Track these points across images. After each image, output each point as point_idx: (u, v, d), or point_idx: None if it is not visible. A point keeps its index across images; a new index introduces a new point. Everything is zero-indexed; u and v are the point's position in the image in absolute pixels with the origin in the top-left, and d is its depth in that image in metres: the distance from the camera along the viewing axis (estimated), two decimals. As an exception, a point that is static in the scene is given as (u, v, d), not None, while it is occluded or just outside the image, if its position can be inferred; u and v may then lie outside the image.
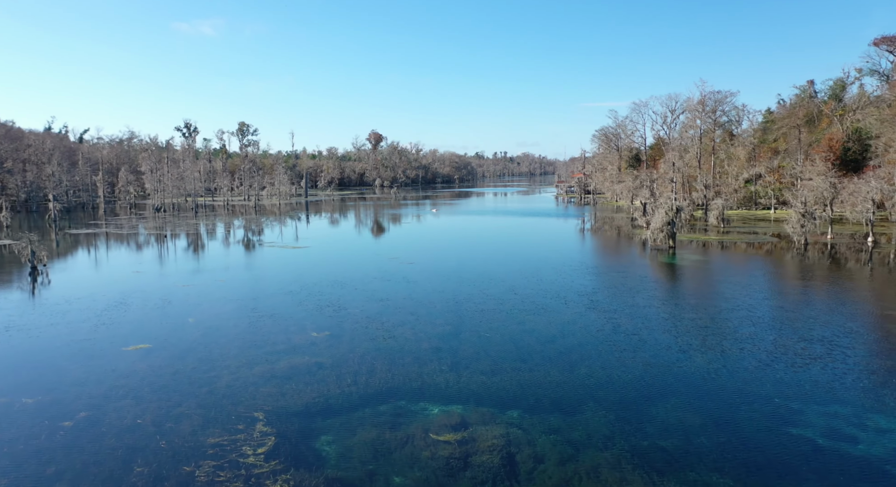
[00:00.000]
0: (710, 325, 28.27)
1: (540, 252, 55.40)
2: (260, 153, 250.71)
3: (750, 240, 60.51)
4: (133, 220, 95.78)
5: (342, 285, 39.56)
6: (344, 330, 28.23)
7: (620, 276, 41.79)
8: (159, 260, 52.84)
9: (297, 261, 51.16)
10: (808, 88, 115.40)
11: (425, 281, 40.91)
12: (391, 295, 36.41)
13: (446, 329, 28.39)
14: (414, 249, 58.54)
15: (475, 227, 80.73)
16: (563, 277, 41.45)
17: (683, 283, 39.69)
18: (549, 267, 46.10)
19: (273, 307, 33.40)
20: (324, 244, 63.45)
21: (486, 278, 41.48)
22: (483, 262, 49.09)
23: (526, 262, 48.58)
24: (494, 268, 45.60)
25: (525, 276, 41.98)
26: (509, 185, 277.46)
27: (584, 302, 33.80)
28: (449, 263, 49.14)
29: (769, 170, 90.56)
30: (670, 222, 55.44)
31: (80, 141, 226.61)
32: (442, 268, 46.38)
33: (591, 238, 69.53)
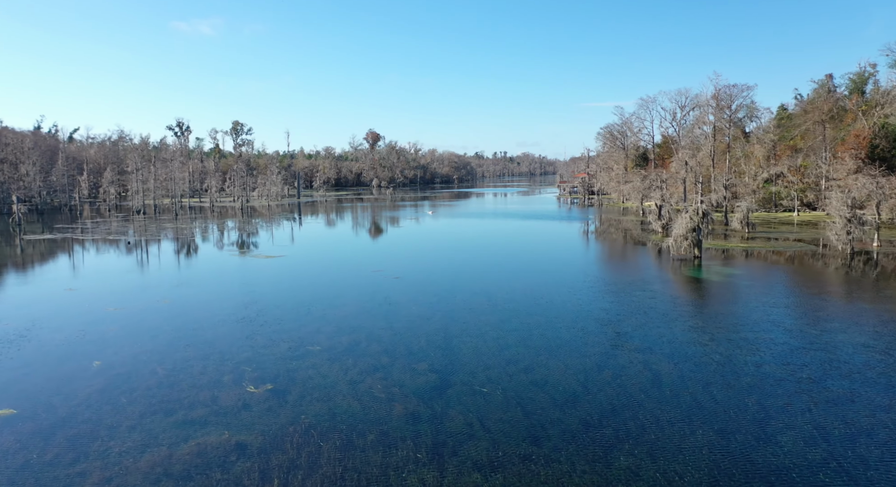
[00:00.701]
0: (785, 377, 20.96)
1: (546, 263, 48.12)
2: (254, 153, 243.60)
3: (783, 249, 53.18)
4: (106, 224, 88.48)
5: (309, 309, 32.29)
6: (293, 382, 20.95)
7: (646, 296, 34.51)
8: (105, 273, 45.58)
9: (265, 275, 43.89)
10: (826, 83, 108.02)
11: (411, 303, 33.64)
12: (366, 323, 29.16)
13: (430, 380, 21.12)
14: (403, 259, 51.29)
15: (473, 232, 73.42)
16: (577, 297, 34.18)
17: (724, 307, 32.39)
18: (558, 283, 38.84)
19: (213, 341, 26.14)
20: (303, 252, 56.18)
21: (485, 299, 34.22)
22: (481, 277, 41.83)
23: (531, 277, 41.32)
24: (494, 285, 38.34)
25: (531, 296, 34.71)
26: (509, 186, 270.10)
27: (607, 335, 26.52)
28: (442, 278, 41.87)
29: (792, 170, 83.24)
30: (695, 228, 48.17)
31: (69, 140, 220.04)
32: (433, 285, 39.12)
33: (602, 245, 62.23)
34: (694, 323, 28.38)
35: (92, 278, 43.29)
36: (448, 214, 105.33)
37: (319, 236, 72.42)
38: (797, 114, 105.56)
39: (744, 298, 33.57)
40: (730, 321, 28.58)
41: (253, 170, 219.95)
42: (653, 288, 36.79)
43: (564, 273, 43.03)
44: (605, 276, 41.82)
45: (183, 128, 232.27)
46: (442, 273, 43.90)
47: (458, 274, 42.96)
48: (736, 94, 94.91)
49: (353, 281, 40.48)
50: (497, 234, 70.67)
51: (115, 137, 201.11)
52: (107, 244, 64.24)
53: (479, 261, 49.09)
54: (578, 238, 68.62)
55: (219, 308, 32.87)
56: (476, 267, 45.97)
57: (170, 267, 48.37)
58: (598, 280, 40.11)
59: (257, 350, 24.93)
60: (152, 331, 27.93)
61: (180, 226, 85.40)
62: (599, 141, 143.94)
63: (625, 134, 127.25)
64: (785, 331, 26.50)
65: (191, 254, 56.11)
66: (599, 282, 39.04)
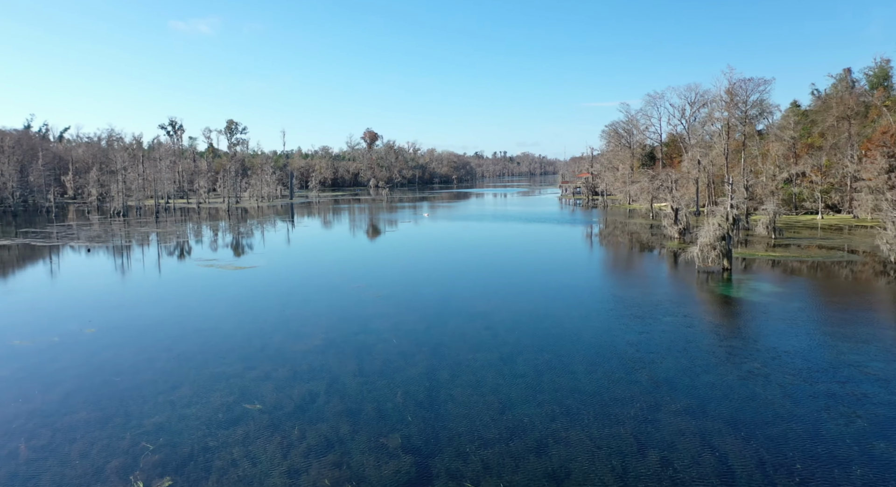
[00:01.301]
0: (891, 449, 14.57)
1: (553, 276, 41.69)
2: (249, 152, 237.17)
3: (821, 258, 46.74)
4: (79, 228, 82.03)
5: (265, 342, 25.90)
6: (204, 474, 14.56)
7: (678, 324, 28.12)
8: (38, 290, 39.18)
9: (227, 293, 37.49)
10: (845, 77, 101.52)
11: (392, 332, 27.26)
12: (331, 364, 22.79)
13: (401, 468, 14.74)
14: (391, 270, 44.89)
15: (471, 238, 66.96)
16: (595, 326, 27.79)
17: (782, 342, 25.98)
18: (569, 303, 32.45)
19: (123, 395, 19.76)
20: (281, 261, 49.79)
21: (483, 326, 27.85)
22: (479, 294, 35.42)
23: (537, 295, 34.91)
24: (494, 306, 31.97)
25: (538, 323, 28.33)
26: (509, 186, 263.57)
27: (641, 385, 20.12)
28: (433, 295, 35.46)
29: (815, 169, 76.80)
30: (724, 236, 41.76)
31: (59, 139, 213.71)
32: (422, 305, 32.73)
33: (614, 253, 55.81)
34: (751, 366, 21.95)
35: (18, 297, 36.88)
36: (445, 217, 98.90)
37: (303, 242, 66.00)
38: (813, 110, 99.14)
39: (802, 328, 27.12)
40: (798, 364, 22.14)
41: (247, 170, 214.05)
42: (684, 312, 30.37)
43: (575, 290, 36.61)
44: (624, 295, 35.38)
45: (176, 128, 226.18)
46: (434, 288, 37.48)
47: (452, 291, 36.54)
48: (751, 89, 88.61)
49: (329, 301, 34.08)
50: (497, 240, 64.26)
51: (104, 136, 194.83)
52: (62, 252, 57.82)
53: (476, 274, 42.65)
54: (586, 245, 62.19)
55: (152, 340, 26.45)
56: (473, 282, 39.53)
57: (118, 282, 41.94)
58: (616, 300, 33.67)
59: (177, 409, 18.53)
60: (50, 378, 21.53)
61: (156, 230, 78.98)
62: (604, 139, 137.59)
63: (630, 132, 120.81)
64: (880, 384, 20.07)
65: (151, 265, 49.68)
66: (618, 304, 32.61)
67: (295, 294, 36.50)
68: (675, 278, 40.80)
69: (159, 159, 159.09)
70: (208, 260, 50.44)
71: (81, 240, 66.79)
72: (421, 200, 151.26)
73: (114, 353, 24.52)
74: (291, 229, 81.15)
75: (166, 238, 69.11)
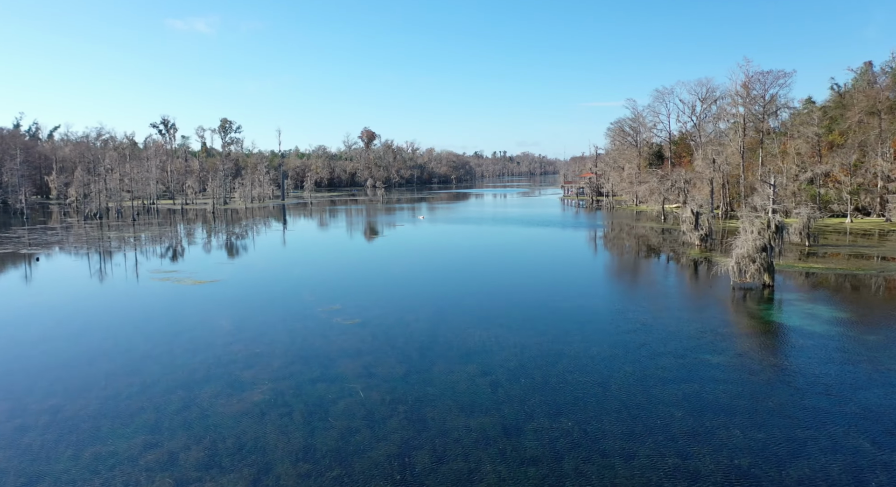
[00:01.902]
0: None
1: (565, 295, 35.09)
2: (244, 152, 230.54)
3: (874, 271, 40.13)
4: (45, 231, 75.43)
5: (188, 398, 19.35)
6: None
7: (733, 366, 21.59)
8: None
9: (171, 317, 30.91)
10: (866, 70, 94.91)
11: (361, 378, 20.72)
12: (266, 440, 16.24)
13: None
14: (373, 286, 38.30)
15: (468, 246, 60.35)
16: (628, 371, 21.22)
17: (878, 392, 19.41)
18: (589, 336, 25.87)
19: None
20: (248, 273, 43.25)
21: (478, 372, 21.30)
22: (476, 322, 28.84)
23: (547, 323, 28.35)
24: (494, 341, 25.41)
25: (552, 366, 21.78)
26: (509, 186, 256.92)
27: (712, 478, 13.52)
28: (419, 323, 28.89)
29: (843, 169, 70.23)
30: (765, 247, 35.19)
31: (48, 138, 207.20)
32: (404, 338, 26.17)
33: (629, 264, 49.26)
34: (859, 442, 15.37)
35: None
36: (442, 219, 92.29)
37: (281, 249, 59.42)
38: (831, 105, 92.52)
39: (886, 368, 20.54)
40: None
41: (241, 170, 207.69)
42: (735, 348, 23.79)
43: (592, 314, 30.04)
44: (653, 322, 28.78)
45: (168, 126, 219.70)
46: (421, 312, 30.90)
47: (442, 316, 29.96)
48: (770, 83, 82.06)
49: (291, 330, 27.51)
50: (496, 248, 57.66)
51: (93, 135, 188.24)
52: (6, 260, 51.23)
53: (473, 292, 36.04)
54: (597, 253, 55.65)
55: (39, 393, 19.86)
56: (469, 304, 32.91)
57: (45, 301, 35.35)
58: (644, 329, 27.07)
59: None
60: None
61: (127, 234, 72.39)
62: (609, 137, 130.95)
63: (637, 130, 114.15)
64: None
65: (99, 277, 43.09)
66: (649, 335, 26.01)
67: (253, 319, 29.90)
68: (709, 297, 34.19)
69: (147, 159, 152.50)
70: (167, 271, 43.82)
71: (38, 245, 60.20)
72: (418, 201, 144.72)
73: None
74: (274, 233, 74.56)
75: (132, 244, 62.52)
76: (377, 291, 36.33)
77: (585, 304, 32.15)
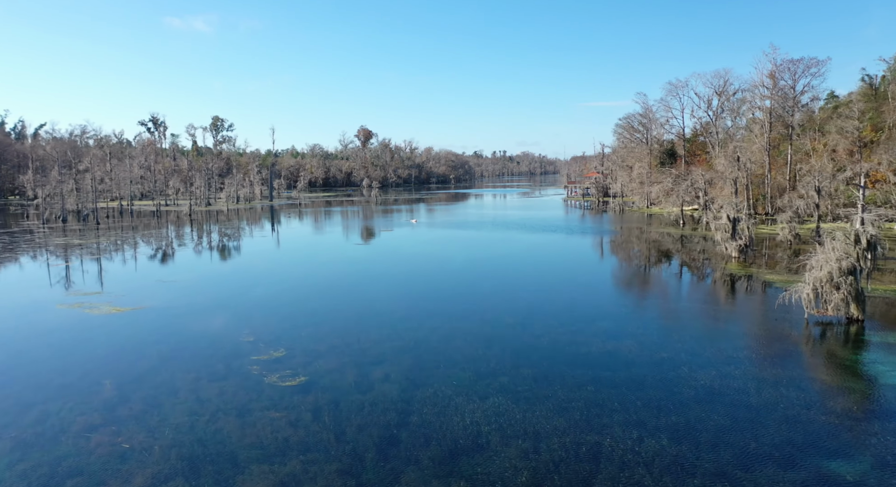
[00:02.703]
0: None
1: (587, 334, 26.17)
2: (235, 151, 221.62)
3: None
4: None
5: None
6: None
7: (860, 475, 12.77)
8: None
9: (49, 366, 22.10)
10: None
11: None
12: None
13: None
14: (334, 321, 29.47)
15: (462, 258, 51.50)
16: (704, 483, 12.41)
17: None
18: (632, 410, 16.98)
19: None
20: (185, 299, 34.41)
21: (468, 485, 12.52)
22: (466, 382, 20.04)
23: (566, 383, 19.49)
24: (493, 422, 16.58)
25: (583, 471, 12.99)
26: (509, 186, 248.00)
27: None
28: (385, 382, 20.07)
29: (891, 168, 61.41)
30: (852, 269, 26.37)
31: (34, 137, 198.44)
32: (359, 415, 17.36)
33: (663, 283, 40.43)
34: None
35: None
36: (437, 223, 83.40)
37: (240, 262, 50.61)
38: (861, 98, 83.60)
39: None
40: None
41: (233, 169, 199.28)
42: (848, 438, 14.95)
43: (629, 372, 21.16)
44: (719, 384, 19.90)
45: (157, 124, 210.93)
46: (392, 365, 22.10)
47: (421, 373, 21.14)
48: (801, 72, 73.19)
49: (195, 404, 18.69)
50: (495, 261, 48.87)
51: (77, 133, 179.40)
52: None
53: (464, 332, 27.15)
54: (615, 268, 46.85)
55: None
56: (459, 352, 24.04)
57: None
58: (710, 401, 18.17)
59: None
60: None
61: (79, 241, 63.57)
62: (615, 134, 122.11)
63: (647, 126, 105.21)
64: None
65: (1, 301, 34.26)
66: (724, 417, 17.09)
67: (152, 378, 21.04)
68: (780, 338, 25.31)
69: (129, 158, 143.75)
70: (86, 294, 34.93)
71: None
72: (415, 202, 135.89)
73: None
74: (244, 241, 65.72)
75: (73, 254, 53.69)
76: (340, 327, 27.49)
77: (616, 350, 23.32)
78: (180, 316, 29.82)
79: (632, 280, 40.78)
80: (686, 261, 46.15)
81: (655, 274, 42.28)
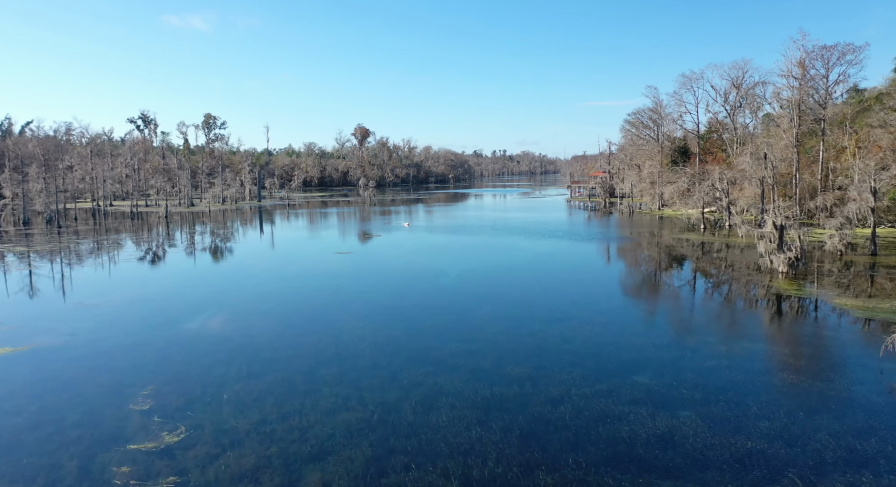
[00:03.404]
0: None
1: (618, 396, 18.45)
2: (228, 149, 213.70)
3: None
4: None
5: None
6: None
7: None
8: None
9: None
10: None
11: None
12: None
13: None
14: (274, 373, 21.75)
15: (455, 272, 43.78)
16: None
17: None
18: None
19: None
20: (91, 330, 26.68)
21: None
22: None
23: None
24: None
25: None
26: (509, 185, 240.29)
27: None
28: None
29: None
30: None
31: (20, 134, 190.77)
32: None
33: (703, 311, 32.66)
34: None
35: None
36: (431, 227, 75.66)
37: (191, 279, 42.96)
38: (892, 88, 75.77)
39: None
40: None
41: (225, 168, 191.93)
42: None
43: (685, 479, 13.43)
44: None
45: (147, 121, 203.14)
46: (334, 453, 14.44)
47: (378, 465, 13.46)
48: (835, 60, 65.36)
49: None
50: (494, 276, 41.19)
51: (62, 130, 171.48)
52: None
53: (447, 386, 19.46)
54: (634, 284, 39.13)
55: None
56: (433, 429, 16.32)
57: None
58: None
59: None
60: None
61: (24, 248, 55.90)
62: (622, 132, 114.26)
63: (658, 122, 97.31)
64: None
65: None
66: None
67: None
68: (870, 398, 17.58)
69: (110, 155, 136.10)
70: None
71: None
72: (412, 203, 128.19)
73: None
74: (208, 248, 58.03)
75: (4, 266, 46.03)
76: (281, 385, 19.76)
77: (673, 432, 15.58)
78: (68, 363, 22.07)
79: (664, 305, 33.05)
80: (721, 277, 38.45)
81: (689, 296, 34.52)
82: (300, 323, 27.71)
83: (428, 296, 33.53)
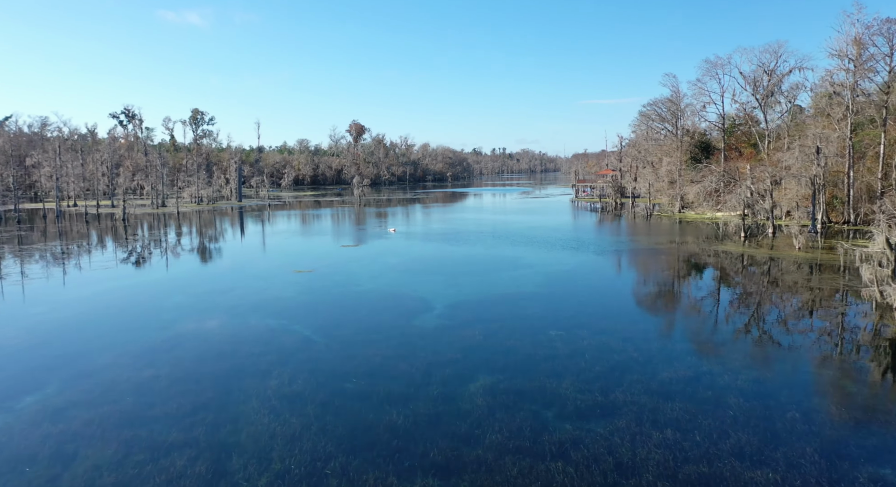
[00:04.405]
0: None
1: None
2: (217, 146, 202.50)
3: None
4: None
5: None
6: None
7: None
8: None
9: None
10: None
11: None
12: None
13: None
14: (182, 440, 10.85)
15: (442, 303, 32.89)
16: None
17: None
18: None
19: None
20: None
21: None
22: None
23: None
24: None
25: None
26: (509, 184, 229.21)
27: None
28: None
29: None
30: None
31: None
32: None
33: (821, 383, 21.64)
34: None
35: None
36: (420, 234, 64.67)
37: (102, 302, 32.08)
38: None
39: None
40: None
41: (212, 166, 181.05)
42: None
43: None
44: None
45: (131, 117, 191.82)
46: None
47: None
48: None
49: None
50: (495, 311, 30.20)
51: (37, 125, 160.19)
52: None
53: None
54: (695, 328, 28.25)
55: None
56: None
57: None
58: None
59: None
60: None
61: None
62: (633, 126, 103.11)
63: (677, 114, 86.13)
64: None
65: None
66: None
67: None
68: None
69: (81, 152, 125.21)
70: None
71: None
72: (407, 203, 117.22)
73: None
74: (147, 261, 47.07)
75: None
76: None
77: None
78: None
79: (771, 379, 22.08)
80: (801, 311, 27.59)
81: (775, 349, 23.57)
82: (175, 420, 16.74)
83: (397, 354, 22.53)
